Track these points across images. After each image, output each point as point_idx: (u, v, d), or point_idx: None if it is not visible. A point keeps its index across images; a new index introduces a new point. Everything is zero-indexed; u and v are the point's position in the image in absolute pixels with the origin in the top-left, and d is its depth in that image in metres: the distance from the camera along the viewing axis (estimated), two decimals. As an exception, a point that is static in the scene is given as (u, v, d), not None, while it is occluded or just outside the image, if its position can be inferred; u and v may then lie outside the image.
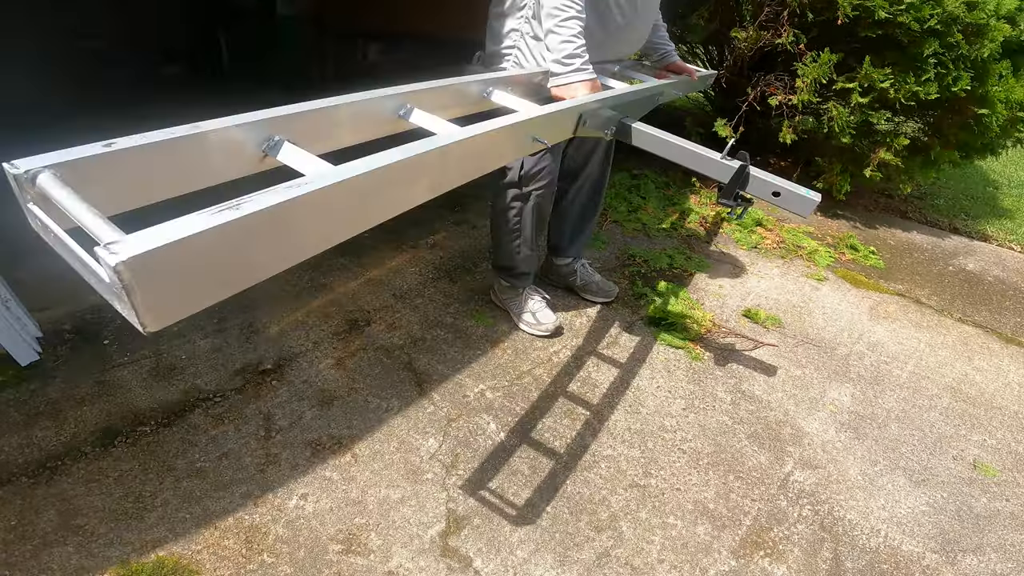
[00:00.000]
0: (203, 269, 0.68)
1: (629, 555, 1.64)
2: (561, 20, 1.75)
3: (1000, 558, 1.76)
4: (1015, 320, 2.98)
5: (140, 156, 0.81)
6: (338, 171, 0.86)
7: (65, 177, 0.73)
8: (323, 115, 1.09)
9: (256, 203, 0.72)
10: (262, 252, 0.76)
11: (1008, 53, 3.19)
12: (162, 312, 0.66)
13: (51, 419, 1.85)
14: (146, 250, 0.60)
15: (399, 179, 0.97)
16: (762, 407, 2.22)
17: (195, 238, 0.64)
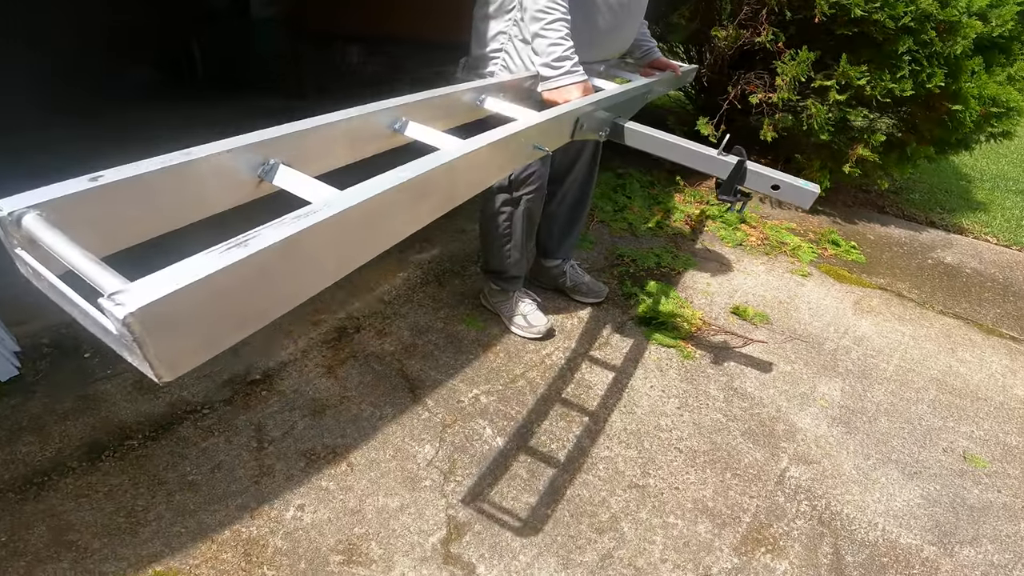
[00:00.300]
0: (216, 312, 0.64)
1: (632, 556, 1.64)
2: (548, 23, 1.73)
3: (997, 549, 1.78)
4: (995, 311, 3.04)
5: (130, 189, 0.76)
6: (346, 196, 0.81)
7: (52, 218, 0.67)
8: (317, 134, 1.05)
9: (265, 238, 0.67)
10: (275, 288, 0.72)
11: (980, 50, 3.25)
12: (177, 360, 0.62)
13: (34, 434, 1.80)
14: (154, 299, 0.56)
15: (408, 199, 0.92)
16: (755, 404, 2.23)
17: (205, 281, 0.60)
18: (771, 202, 4.05)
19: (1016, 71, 3.27)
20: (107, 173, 0.74)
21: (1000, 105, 3.22)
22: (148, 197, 0.78)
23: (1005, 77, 3.26)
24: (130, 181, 0.75)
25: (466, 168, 1.05)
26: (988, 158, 6.15)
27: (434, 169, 0.94)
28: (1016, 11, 3.10)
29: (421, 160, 0.95)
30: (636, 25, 2.14)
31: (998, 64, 3.28)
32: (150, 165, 0.78)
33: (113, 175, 0.74)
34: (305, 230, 0.71)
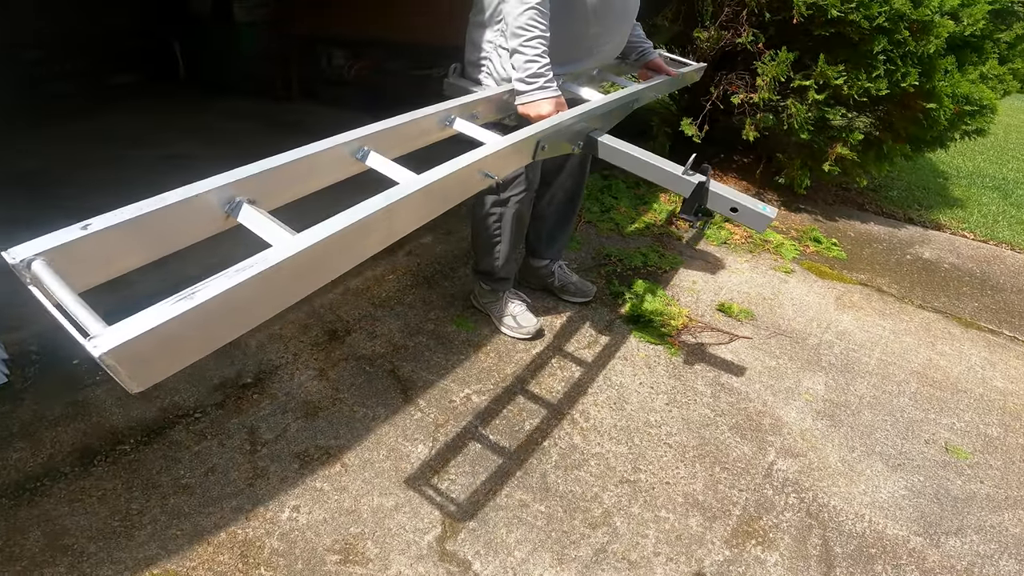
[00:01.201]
0: (170, 346, 0.81)
1: (625, 550, 1.66)
2: (526, 40, 1.77)
3: (982, 539, 1.81)
4: (973, 305, 3.11)
5: (115, 233, 0.91)
6: (297, 241, 0.95)
7: (54, 262, 0.84)
8: (282, 172, 1.14)
9: (209, 291, 0.82)
10: (219, 326, 0.88)
11: (953, 49, 3.32)
12: (143, 379, 0.80)
13: (25, 441, 1.79)
14: (121, 342, 0.74)
15: (352, 240, 1.05)
16: (741, 399, 2.27)
17: (160, 327, 0.77)
18: (754, 201, 4.11)
19: (988, 69, 3.34)
20: (95, 221, 0.89)
21: (973, 103, 3.29)
22: (130, 238, 0.93)
23: (978, 75, 3.33)
24: (115, 227, 0.91)
25: (412, 205, 1.15)
26: (965, 156, 6.27)
27: (376, 212, 1.06)
28: (987, 10, 3.17)
29: (365, 204, 1.06)
30: (625, 30, 2.17)
31: (970, 63, 3.36)
32: (131, 212, 0.92)
33: (100, 223, 0.89)
34: (247, 280, 0.86)
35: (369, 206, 1.06)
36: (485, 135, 1.52)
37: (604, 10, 1.97)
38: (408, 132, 1.46)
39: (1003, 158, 6.38)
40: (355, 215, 1.03)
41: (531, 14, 1.74)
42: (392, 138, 1.40)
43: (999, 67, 3.40)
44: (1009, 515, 1.89)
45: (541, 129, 1.55)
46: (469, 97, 1.73)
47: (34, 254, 0.83)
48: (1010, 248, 3.92)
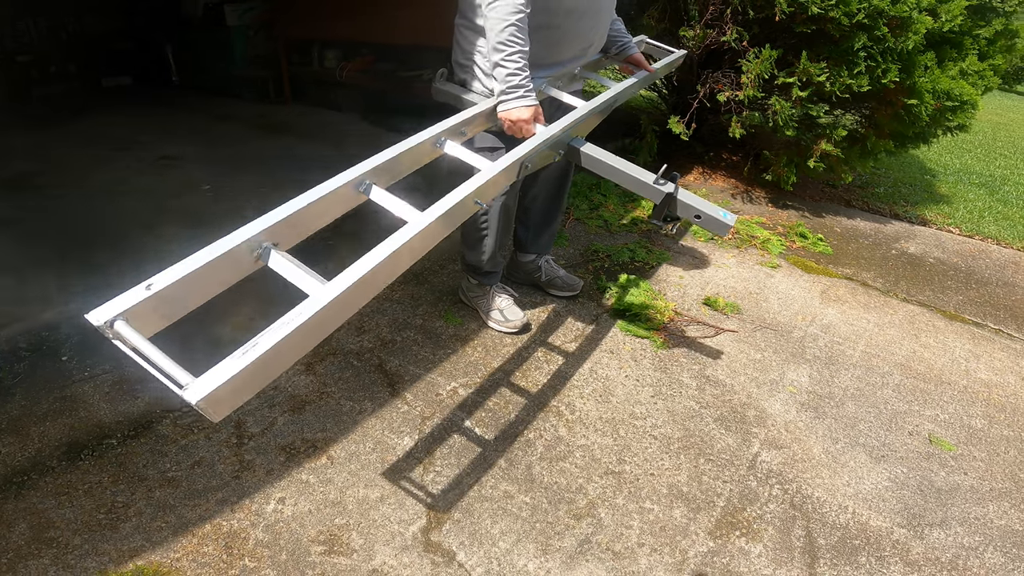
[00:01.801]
0: (241, 385, 1.00)
1: (609, 540, 1.67)
2: (507, 55, 1.84)
3: (966, 531, 1.81)
4: (957, 298, 3.14)
5: (173, 288, 1.07)
6: (329, 289, 1.13)
7: (130, 319, 1.01)
8: (299, 217, 1.28)
9: (266, 342, 1.01)
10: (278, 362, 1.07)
11: (932, 45, 3.35)
12: (223, 412, 0.99)
13: (13, 435, 1.81)
14: (210, 391, 0.93)
15: (374, 280, 1.23)
16: (726, 391, 2.29)
17: (235, 376, 0.96)
18: (742, 198, 4.14)
19: (968, 65, 3.38)
20: (155, 280, 1.06)
21: (954, 99, 3.32)
22: (185, 290, 1.10)
23: (958, 72, 3.36)
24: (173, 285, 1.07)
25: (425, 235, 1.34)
26: (952, 153, 6.31)
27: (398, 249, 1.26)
28: (964, 6, 3.21)
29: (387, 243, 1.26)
30: (603, 26, 2.20)
31: (950, 59, 3.39)
32: (184, 269, 1.09)
33: (160, 282, 1.06)
34: (297, 328, 1.05)
35: (386, 248, 1.24)
36: (475, 160, 1.64)
37: (580, 12, 2.02)
38: (403, 160, 1.56)
39: (990, 155, 6.43)
40: (376, 259, 1.21)
41: (512, 30, 1.81)
42: (390, 168, 1.51)
43: (979, 63, 3.44)
44: (993, 507, 1.89)
45: (524, 152, 1.66)
46: (457, 117, 1.79)
47: (114, 316, 1.00)
48: (996, 243, 3.95)
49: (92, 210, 3.34)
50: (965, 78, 3.39)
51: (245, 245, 1.18)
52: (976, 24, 3.41)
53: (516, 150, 1.66)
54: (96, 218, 3.24)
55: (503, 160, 1.60)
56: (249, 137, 4.92)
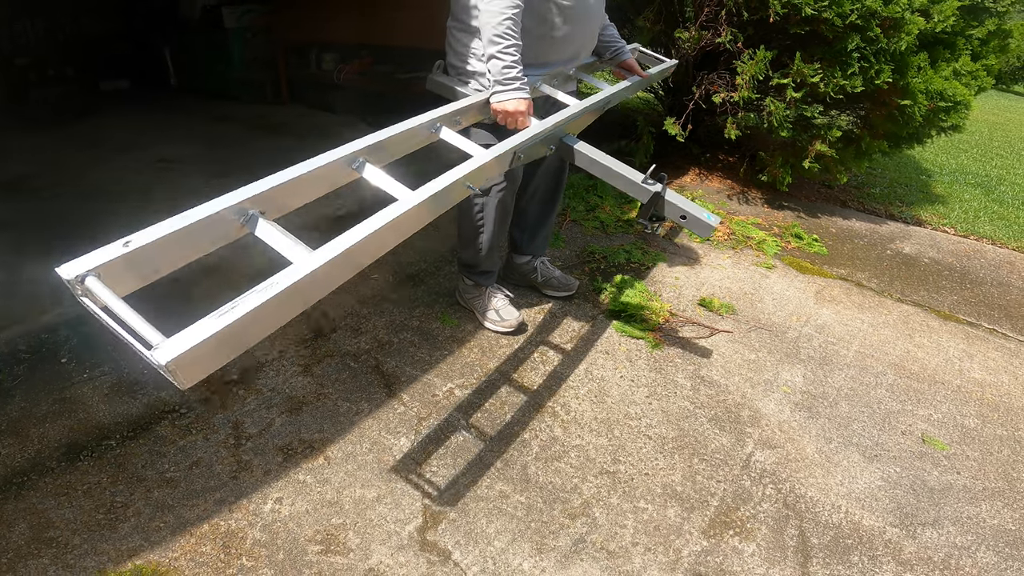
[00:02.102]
0: (215, 349, 0.97)
1: (604, 540, 1.69)
2: (503, 48, 1.89)
3: (959, 531, 1.82)
4: (951, 298, 3.15)
5: (149, 248, 1.04)
6: (314, 257, 1.11)
7: (103, 276, 0.97)
8: (288, 186, 1.27)
9: (245, 305, 0.99)
10: (251, 332, 1.04)
11: (925, 46, 3.37)
12: (193, 377, 0.96)
13: (13, 436, 1.82)
14: (179, 353, 0.90)
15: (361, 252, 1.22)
16: (721, 391, 2.30)
17: (209, 338, 0.93)
18: (738, 199, 4.16)
19: (961, 66, 3.39)
20: (133, 238, 1.03)
21: (947, 99, 3.34)
22: (162, 251, 1.07)
23: (951, 72, 3.38)
24: (151, 243, 1.04)
25: (412, 215, 1.33)
26: (948, 153, 6.33)
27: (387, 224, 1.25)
28: (956, 6, 3.23)
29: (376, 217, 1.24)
30: (592, 29, 2.23)
31: (943, 59, 3.41)
32: (164, 229, 1.07)
33: (138, 240, 1.03)
34: (275, 295, 1.03)
35: (374, 223, 1.23)
36: (469, 146, 1.67)
37: (570, 11, 2.05)
38: (399, 141, 1.57)
39: (986, 156, 6.45)
40: (363, 232, 1.19)
41: (508, 24, 1.87)
42: (385, 148, 1.52)
43: (972, 63, 3.45)
44: (986, 506, 1.90)
45: (518, 142, 1.69)
46: (453, 105, 1.84)
47: (86, 271, 0.95)
48: (991, 243, 3.97)
49: (90, 212, 3.36)
50: (958, 78, 3.41)
51: (230, 210, 1.16)
52: (969, 24, 3.43)
53: (510, 139, 1.70)
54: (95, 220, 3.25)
55: (497, 148, 1.65)
56: (248, 139, 4.92)
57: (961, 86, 3.34)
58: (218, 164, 4.19)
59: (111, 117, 5.59)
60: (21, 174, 3.93)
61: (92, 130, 5.10)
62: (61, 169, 4.09)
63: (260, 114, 5.72)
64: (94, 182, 3.83)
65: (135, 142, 4.71)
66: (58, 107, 5.84)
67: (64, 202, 3.47)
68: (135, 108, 6.05)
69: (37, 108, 5.81)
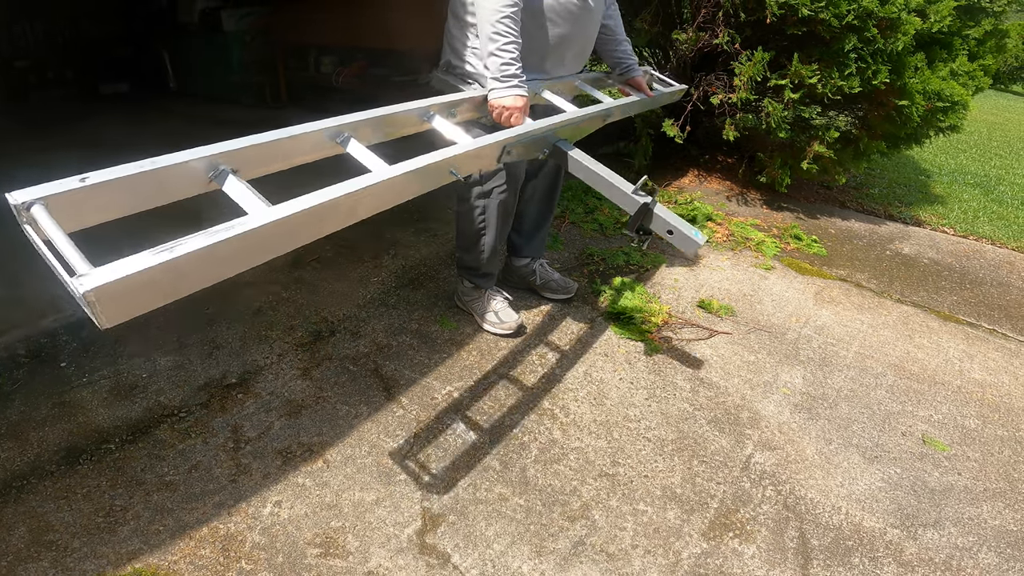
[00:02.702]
0: (144, 291, 0.91)
1: (603, 542, 1.68)
2: (502, 45, 1.88)
3: (960, 532, 1.81)
4: (951, 299, 3.15)
5: (108, 187, 1.00)
6: (269, 212, 1.06)
7: (51, 206, 0.93)
8: (265, 148, 1.25)
9: (188, 246, 0.93)
10: (189, 279, 0.99)
11: (922, 46, 3.38)
12: (114, 316, 0.89)
13: (13, 440, 1.83)
14: (103, 283, 0.84)
15: (320, 216, 1.16)
16: (720, 393, 2.30)
17: (139, 273, 0.88)
18: (737, 200, 4.16)
19: (958, 66, 3.40)
20: (92, 175, 0.99)
21: (945, 99, 3.35)
22: (122, 192, 1.03)
23: (948, 72, 3.38)
24: (110, 182, 1.00)
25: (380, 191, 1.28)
26: (947, 153, 6.34)
27: (352, 192, 1.19)
28: (953, 6, 3.23)
29: (343, 184, 1.19)
30: (589, 33, 2.23)
31: (940, 60, 3.41)
32: (126, 170, 1.02)
33: (97, 177, 0.99)
34: (222, 241, 0.98)
35: (339, 189, 1.17)
36: (458, 135, 1.62)
37: (565, 15, 2.05)
38: (389, 123, 1.55)
39: (985, 155, 6.45)
40: (326, 195, 1.14)
41: (507, 22, 1.86)
42: (373, 127, 1.49)
43: (969, 64, 3.46)
44: (988, 507, 1.89)
45: (509, 136, 1.68)
46: (450, 96, 1.83)
47: (34, 198, 0.92)
48: (990, 243, 3.97)
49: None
50: (955, 79, 3.42)
51: (201, 162, 1.13)
52: (965, 24, 3.44)
53: (500, 132, 1.70)
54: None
55: (486, 138, 1.63)
56: (246, 142, 4.93)
57: (958, 86, 3.35)
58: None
59: (110, 120, 5.60)
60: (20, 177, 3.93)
61: (92, 133, 5.11)
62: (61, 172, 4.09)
63: (259, 117, 5.74)
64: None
65: (134, 145, 4.70)
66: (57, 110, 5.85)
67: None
68: (134, 111, 6.06)
69: (37, 111, 5.83)
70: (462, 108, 1.88)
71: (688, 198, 3.95)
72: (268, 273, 2.76)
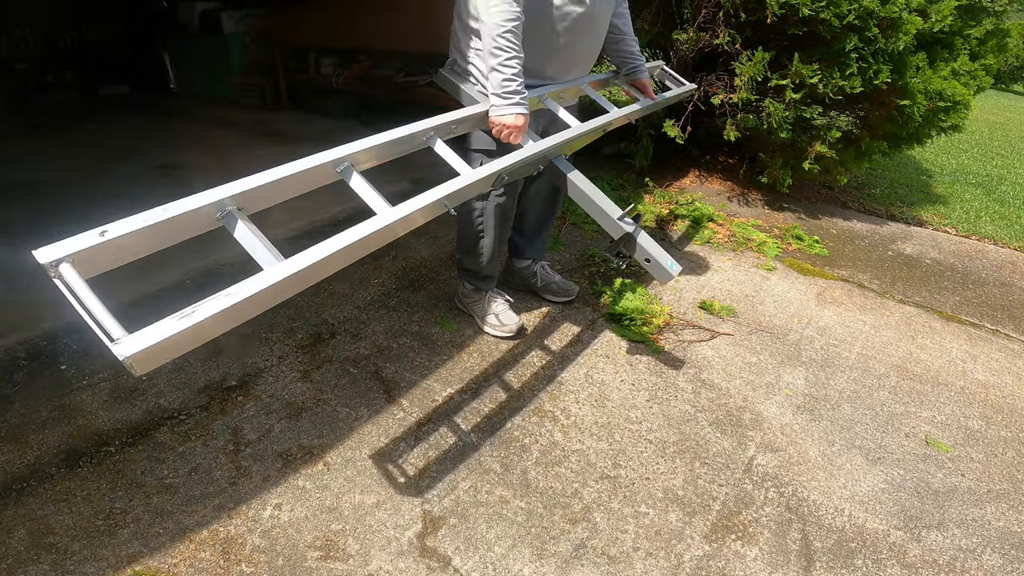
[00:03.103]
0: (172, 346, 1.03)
1: (605, 545, 1.67)
2: (504, 60, 1.87)
3: (963, 533, 1.80)
4: (954, 299, 3.14)
5: (127, 238, 1.08)
6: (283, 267, 1.16)
7: (77, 263, 1.02)
8: (270, 187, 1.30)
9: (207, 310, 1.04)
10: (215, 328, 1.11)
11: (923, 46, 3.37)
12: (146, 368, 1.02)
13: (13, 443, 1.83)
14: (139, 349, 0.96)
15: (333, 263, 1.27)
16: (722, 394, 2.29)
17: (170, 337, 1.00)
18: (738, 200, 4.15)
19: (960, 66, 3.39)
20: (110, 228, 1.06)
21: (947, 99, 3.34)
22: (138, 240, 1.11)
23: (949, 72, 3.37)
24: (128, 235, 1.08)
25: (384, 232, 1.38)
26: (949, 153, 6.33)
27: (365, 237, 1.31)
28: (954, 5, 3.22)
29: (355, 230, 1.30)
30: (596, 41, 2.22)
31: (942, 59, 3.40)
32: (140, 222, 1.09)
33: (115, 230, 1.07)
34: (240, 301, 1.09)
35: (348, 237, 1.27)
36: (458, 163, 1.68)
37: (571, 24, 2.03)
38: (389, 148, 1.58)
39: (987, 155, 6.44)
40: (335, 245, 1.23)
41: (509, 36, 1.85)
42: (374, 154, 1.54)
43: (970, 63, 3.45)
44: (992, 508, 1.88)
45: (505, 165, 1.73)
46: (449, 115, 1.83)
47: (61, 256, 1.00)
48: (993, 243, 3.96)
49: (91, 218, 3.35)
50: (957, 78, 3.41)
51: (210, 207, 1.19)
52: (967, 24, 3.43)
53: (497, 162, 1.73)
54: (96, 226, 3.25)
55: (482, 169, 1.68)
56: (247, 144, 4.93)
57: (960, 86, 3.34)
58: (217, 171, 4.19)
59: (111, 122, 5.60)
60: (20, 180, 3.93)
61: (92, 136, 5.11)
62: (61, 174, 4.09)
63: (259, 119, 5.74)
64: (94, 188, 3.83)
65: (134, 148, 4.72)
66: (58, 112, 5.86)
67: (64, 208, 3.48)
68: (134, 113, 6.07)
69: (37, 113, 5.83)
70: (462, 125, 1.89)
71: (689, 199, 3.94)
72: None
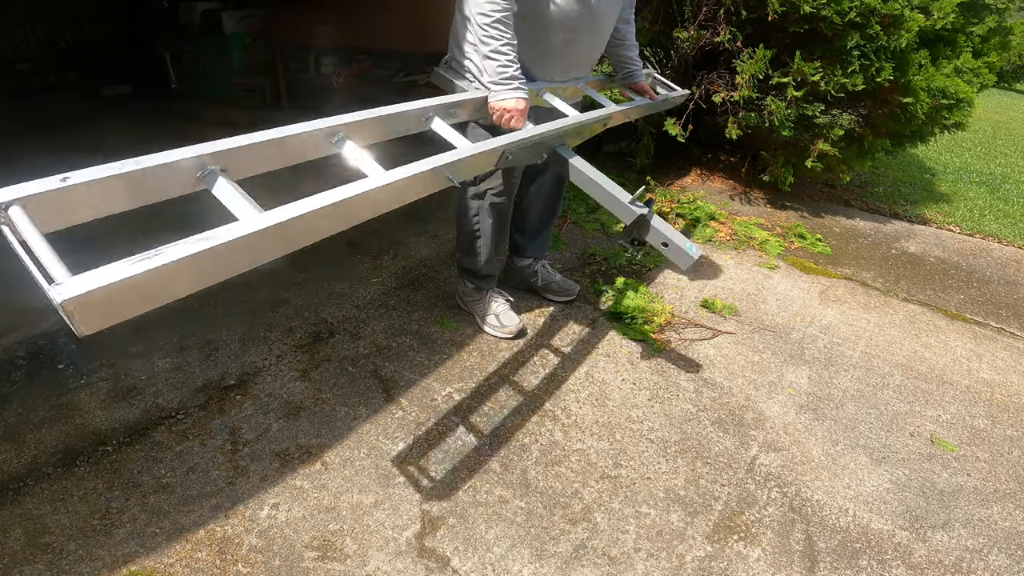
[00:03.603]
0: (122, 299, 0.87)
1: (605, 545, 1.66)
2: (496, 47, 1.87)
3: (969, 533, 1.78)
4: (958, 297, 3.12)
5: (90, 187, 0.96)
6: (260, 219, 1.02)
7: (29, 208, 0.90)
8: (256, 149, 1.20)
9: (170, 255, 0.89)
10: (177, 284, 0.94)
11: (926, 43, 3.35)
12: (92, 326, 0.85)
13: (10, 442, 1.82)
14: (80, 292, 0.81)
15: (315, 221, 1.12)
16: (724, 393, 2.28)
17: (118, 282, 0.84)
18: (740, 199, 4.13)
19: (963, 63, 3.37)
20: (74, 175, 0.94)
21: (950, 97, 3.32)
22: (105, 193, 0.98)
23: (952, 69, 3.36)
24: (93, 182, 0.96)
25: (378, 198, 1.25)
26: (952, 152, 6.30)
27: (350, 198, 1.16)
28: (956, 3, 3.20)
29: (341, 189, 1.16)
30: (597, 38, 2.20)
31: (944, 57, 3.39)
32: (109, 170, 0.97)
33: (79, 177, 0.95)
34: (208, 249, 0.93)
35: (333, 195, 1.13)
36: (457, 139, 1.61)
37: (571, 24, 2.02)
38: (386, 123, 1.52)
39: (991, 154, 6.42)
40: (319, 202, 1.10)
41: (498, 26, 1.85)
42: (370, 127, 1.46)
43: (973, 61, 3.43)
44: (998, 508, 1.87)
45: (508, 142, 1.67)
46: (449, 98, 1.81)
47: (12, 199, 0.89)
48: (997, 241, 3.94)
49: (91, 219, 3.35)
50: (960, 76, 3.39)
51: (189, 161, 1.08)
52: (969, 21, 3.41)
53: (500, 138, 1.68)
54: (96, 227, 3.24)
55: (484, 143, 1.62)
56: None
57: (963, 83, 3.32)
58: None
59: (112, 122, 5.60)
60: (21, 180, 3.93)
61: (93, 136, 5.11)
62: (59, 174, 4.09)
63: (260, 119, 5.71)
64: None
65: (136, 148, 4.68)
66: (60, 113, 5.86)
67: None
68: (136, 113, 6.07)
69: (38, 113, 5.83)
70: (460, 109, 1.86)
71: (691, 197, 3.92)
72: (267, 274, 2.74)
